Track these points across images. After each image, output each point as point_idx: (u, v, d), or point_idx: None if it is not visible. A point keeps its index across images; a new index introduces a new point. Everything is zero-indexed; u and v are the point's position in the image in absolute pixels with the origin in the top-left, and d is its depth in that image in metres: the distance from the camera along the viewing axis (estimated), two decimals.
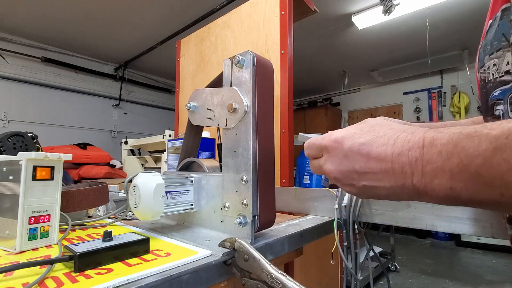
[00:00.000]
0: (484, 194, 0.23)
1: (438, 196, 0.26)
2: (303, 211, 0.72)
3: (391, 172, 0.28)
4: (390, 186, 0.28)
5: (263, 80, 0.45)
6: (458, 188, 0.24)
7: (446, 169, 0.24)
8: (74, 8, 2.74)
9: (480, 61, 0.42)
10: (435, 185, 0.25)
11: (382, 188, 0.29)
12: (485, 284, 2.43)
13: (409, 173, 0.27)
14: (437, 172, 0.25)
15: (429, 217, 0.52)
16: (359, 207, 0.61)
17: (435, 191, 0.25)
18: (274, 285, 0.32)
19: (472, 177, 0.23)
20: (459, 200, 0.25)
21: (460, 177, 0.24)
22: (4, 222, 0.43)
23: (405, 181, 0.27)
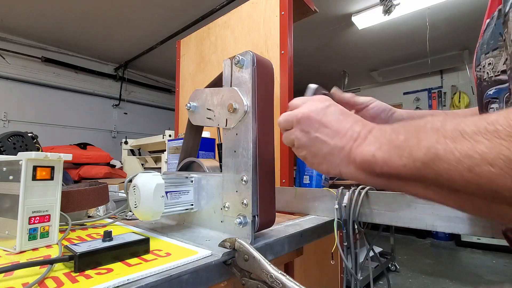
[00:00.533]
0: (394, 163, 0.27)
1: (361, 161, 0.31)
2: (303, 211, 0.72)
3: (343, 133, 0.34)
4: (334, 144, 0.34)
5: (263, 80, 0.45)
6: (378, 156, 0.29)
7: (378, 140, 0.30)
8: (74, 8, 2.74)
9: (477, 60, 0.42)
10: (364, 151, 0.31)
11: (327, 144, 0.34)
12: (485, 284, 2.43)
13: (354, 138, 0.33)
14: (371, 142, 0.31)
15: (429, 217, 0.52)
16: (359, 207, 0.61)
17: (361, 154, 0.31)
18: (274, 285, 0.32)
19: (391, 148, 0.28)
20: (375, 168, 0.29)
21: (384, 147, 0.29)
22: (4, 222, 0.43)
23: (346, 144, 0.33)
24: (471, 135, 0.22)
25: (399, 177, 0.28)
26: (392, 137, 0.29)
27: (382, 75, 4.55)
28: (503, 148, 0.20)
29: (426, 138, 0.25)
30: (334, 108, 0.37)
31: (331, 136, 0.34)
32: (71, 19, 2.93)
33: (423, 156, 0.25)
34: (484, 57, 0.40)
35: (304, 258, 0.74)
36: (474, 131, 0.22)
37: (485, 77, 0.39)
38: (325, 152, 0.34)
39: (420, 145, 0.25)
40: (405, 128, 0.28)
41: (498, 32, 0.37)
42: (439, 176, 0.24)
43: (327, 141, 0.34)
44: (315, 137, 0.35)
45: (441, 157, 0.23)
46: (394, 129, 0.29)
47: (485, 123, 0.22)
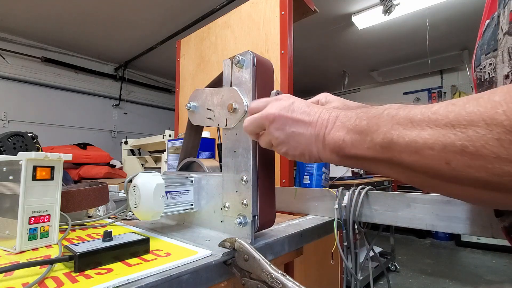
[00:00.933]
0: (359, 147, 0.31)
1: (334, 145, 0.34)
2: (303, 211, 0.72)
3: (314, 123, 0.36)
4: (310, 134, 0.36)
5: (263, 80, 0.45)
6: (347, 140, 0.33)
7: (345, 125, 0.33)
8: (74, 8, 2.74)
9: (477, 60, 0.42)
10: (335, 136, 0.34)
11: (303, 136, 0.37)
12: (484, 284, 2.43)
13: (325, 125, 0.35)
14: (340, 127, 0.34)
15: (429, 217, 0.52)
16: (359, 207, 0.61)
17: (333, 140, 0.34)
18: (274, 285, 0.32)
19: (357, 133, 0.32)
20: (345, 151, 0.33)
21: (351, 132, 0.32)
22: (4, 222, 0.43)
23: (320, 131, 0.36)
24: (418, 123, 0.26)
25: (365, 158, 0.31)
26: (357, 122, 0.32)
27: (382, 75, 4.55)
28: (440, 135, 0.24)
29: (383, 124, 0.29)
30: (298, 102, 0.39)
31: (305, 127, 0.37)
32: (71, 19, 2.93)
33: (381, 140, 0.28)
34: (484, 57, 0.40)
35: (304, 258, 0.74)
36: (420, 119, 0.26)
37: (486, 77, 0.39)
38: (304, 143, 0.37)
39: (379, 130, 0.29)
40: (367, 115, 0.31)
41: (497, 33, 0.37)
42: (394, 157, 0.28)
43: (303, 133, 0.37)
44: (291, 131, 0.38)
45: (395, 141, 0.27)
46: (357, 115, 0.32)
47: (429, 112, 0.25)
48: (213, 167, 0.59)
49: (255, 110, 0.41)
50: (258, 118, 0.40)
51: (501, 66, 0.35)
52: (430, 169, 0.25)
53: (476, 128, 0.21)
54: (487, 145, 0.21)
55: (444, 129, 0.23)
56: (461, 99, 0.24)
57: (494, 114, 0.21)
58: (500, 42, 0.35)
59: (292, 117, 0.38)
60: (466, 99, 0.24)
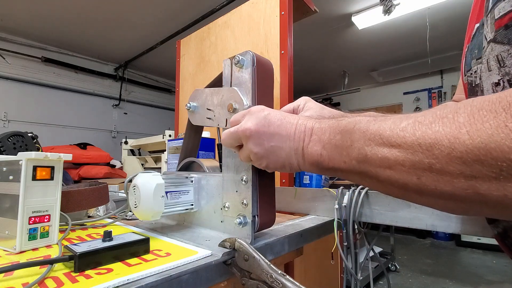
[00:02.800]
0: (337, 161, 0.33)
1: (312, 159, 0.35)
2: (303, 211, 0.72)
3: (292, 137, 0.37)
4: (289, 147, 0.37)
5: (263, 80, 0.45)
6: (324, 154, 0.34)
7: (321, 140, 0.34)
8: (74, 8, 2.74)
9: (467, 65, 0.42)
10: (313, 150, 0.35)
11: (283, 150, 0.38)
12: (485, 284, 2.43)
13: (302, 138, 0.36)
14: (317, 142, 0.35)
15: (429, 217, 0.52)
16: (359, 207, 0.61)
17: (311, 154, 0.35)
18: (274, 285, 0.32)
19: (333, 148, 0.33)
20: (322, 164, 0.34)
21: (327, 147, 0.34)
22: (4, 222, 0.43)
23: (299, 145, 0.36)
24: (388, 139, 0.27)
25: (341, 170, 0.33)
26: (331, 137, 0.33)
27: (382, 75, 4.56)
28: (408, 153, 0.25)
29: (356, 140, 0.30)
30: (272, 114, 0.39)
31: (283, 141, 0.37)
32: (71, 19, 2.93)
33: (356, 155, 0.30)
34: (475, 62, 0.40)
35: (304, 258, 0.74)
36: (389, 136, 0.27)
37: (477, 82, 0.39)
38: (283, 157, 0.38)
39: (353, 146, 0.30)
40: (339, 128, 0.33)
41: None
42: (368, 171, 0.29)
43: (282, 146, 0.37)
44: (270, 146, 0.38)
45: (369, 157, 0.28)
46: (331, 129, 0.34)
47: (398, 129, 0.26)
48: (213, 167, 0.59)
49: (234, 123, 0.42)
50: (234, 132, 0.40)
51: (487, 74, 0.35)
52: (403, 183, 0.26)
53: (440, 147, 0.23)
54: (451, 163, 0.22)
55: (412, 147, 0.25)
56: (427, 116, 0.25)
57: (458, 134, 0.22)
58: (484, 50, 0.36)
59: (270, 131, 0.38)
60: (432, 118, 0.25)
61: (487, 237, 0.47)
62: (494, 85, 0.34)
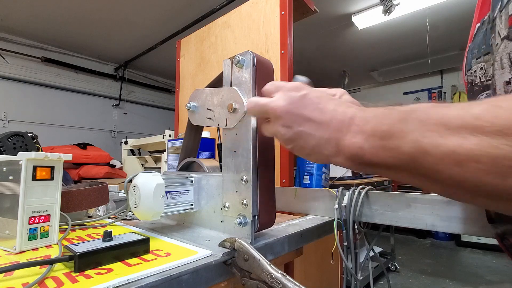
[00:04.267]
0: (381, 156, 0.28)
1: (349, 152, 0.31)
2: (303, 211, 0.72)
3: (326, 124, 0.33)
4: (320, 136, 0.33)
5: (263, 80, 0.45)
6: (366, 147, 0.29)
7: (363, 131, 0.30)
8: (74, 8, 2.74)
9: (468, 64, 0.42)
10: (351, 143, 0.30)
11: (313, 137, 0.33)
12: (485, 284, 2.43)
13: (339, 128, 0.32)
14: (357, 133, 0.30)
15: (429, 217, 0.52)
16: (359, 207, 0.61)
17: (349, 147, 0.31)
18: (274, 285, 0.32)
19: (377, 140, 0.28)
20: (364, 159, 0.30)
21: (370, 139, 0.29)
22: (4, 222, 0.43)
23: (332, 135, 0.32)
24: (457, 130, 0.22)
25: (386, 167, 0.28)
26: (377, 127, 0.29)
27: (382, 75, 4.56)
28: (488, 145, 0.20)
29: (411, 130, 0.25)
30: (310, 96, 0.35)
31: (316, 128, 0.33)
32: (71, 19, 2.93)
33: (409, 149, 0.25)
34: (475, 61, 0.40)
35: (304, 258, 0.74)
36: (459, 125, 0.22)
37: (477, 82, 0.39)
38: (312, 145, 0.34)
39: (406, 138, 0.25)
40: (388, 118, 0.28)
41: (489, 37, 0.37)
42: (426, 169, 0.24)
43: (313, 134, 0.33)
44: (299, 131, 0.34)
45: (428, 151, 0.24)
46: (377, 118, 0.29)
47: (470, 116, 0.22)
48: (213, 167, 0.59)
49: (266, 93, 0.38)
50: (263, 106, 0.37)
51: (500, 72, 0.34)
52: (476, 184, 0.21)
53: None
54: None
55: (494, 138, 0.20)
56: (508, 100, 0.21)
57: None
58: (497, 47, 0.34)
59: (302, 114, 0.34)
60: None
61: (487, 237, 0.47)
62: (505, 84, 0.33)
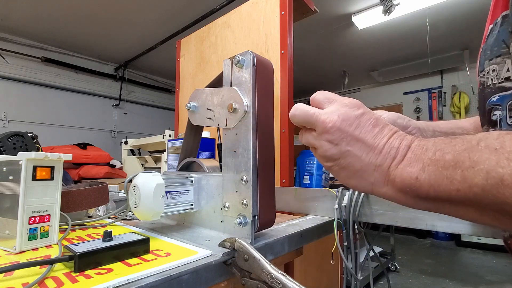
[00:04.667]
0: (442, 188, 0.25)
1: (402, 183, 0.28)
2: (303, 211, 0.72)
3: (379, 149, 0.30)
4: (369, 161, 0.30)
5: (263, 80, 0.45)
6: (423, 179, 0.26)
7: (419, 159, 0.27)
8: (74, 8, 2.74)
9: (481, 65, 0.42)
10: (405, 172, 0.28)
11: (360, 161, 0.31)
12: (485, 284, 2.43)
13: (392, 155, 0.29)
14: (412, 161, 0.28)
15: (429, 217, 0.52)
16: (359, 207, 0.61)
17: (401, 177, 0.28)
18: (274, 285, 0.32)
19: (437, 170, 0.25)
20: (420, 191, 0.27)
21: (429, 169, 0.26)
22: (4, 222, 0.43)
23: (384, 162, 0.29)
24: None
25: (449, 201, 0.25)
26: (437, 156, 0.25)
27: (382, 75, 4.56)
28: None
29: (483, 160, 0.22)
30: (367, 117, 0.32)
31: (366, 151, 0.30)
32: (71, 19, 2.93)
33: (482, 181, 0.22)
34: (488, 63, 0.40)
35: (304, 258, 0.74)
36: None
37: (489, 84, 0.39)
38: (357, 168, 0.31)
39: (477, 168, 0.23)
40: (451, 147, 0.25)
41: (502, 39, 0.37)
42: (503, 203, 0.21)
43: (361, 157, 0.30)
44: (346, 150, 0.31)
45: (508, 182, 0.21)
46: (436, 146, 0.26)
47: None
48: (213, 167, 0.59)
49: (315, 103, 0.35)
50: (312, 115, 0.34)
51: None
52: None
53: None
54: None
55: None
56: None
57: None
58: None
59: (354, 133, 0.31)
60: None
61: (487, 237, 0.47)
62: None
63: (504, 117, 0.36)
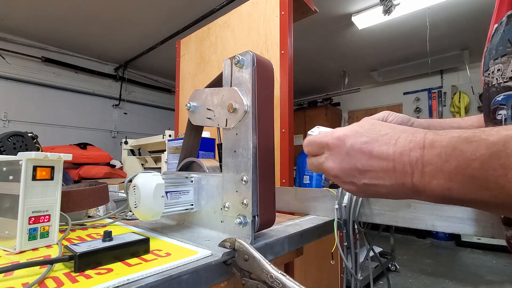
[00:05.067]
0: (478, 195, 0.24)
1: (435, 195, 0.27)
2: (303, 211, 0.72)
3: (392, 170, 0.29)
4: (390, 184, 0.29)
5: (263, 80, 0.45)
6: (454, 188, 0.25)
7: (444, 171, 0.26)
8: (74, 8, 2.74)
9: (485, 65, 0.42)
10: (433, 185, 0.26)
11: (382, 186, 0.30)
12: (485, 284, 2.43)
13: (410, 172, 0.28)
14: (436, 173, 0.26)
15: (429, 217, 0.52)
16: (359, 207, 0.61)
17: (433, 190, 0.27)
18: (274, 285, 0.32)
19: (468, 179, 0.24)
20: (454, 199, 0.26)
21: (457, 178, 0.25)
22: (4, 222, 0.43)
23: (405, 180, 0.28)
24: None
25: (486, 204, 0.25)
26: (463, 165, 0.25)
27: (382, 75, 4.55)
28: None
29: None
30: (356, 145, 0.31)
31: (379, 177, 0.30)
32: (71, 19, 2.93)
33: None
34: (492, 62, 0.40)
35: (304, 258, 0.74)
36: None
37: (494, 83, 0.39)
38: (384, 193, 0.31)
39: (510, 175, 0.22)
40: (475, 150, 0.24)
41: (507, 38, 0.37)
42: None
43: (379, 184, 0.30)
44: (363, 184, 0.31)
45: None
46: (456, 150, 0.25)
47: None
48: (213, 167, 0.59)
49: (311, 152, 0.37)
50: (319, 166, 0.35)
51: None
52: None
53: None
54: None
55: None
56: None
57: None
58: None
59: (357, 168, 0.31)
60: None
61: (487, 237, 0.47)
62: None
63: (509, 117, 0.37)
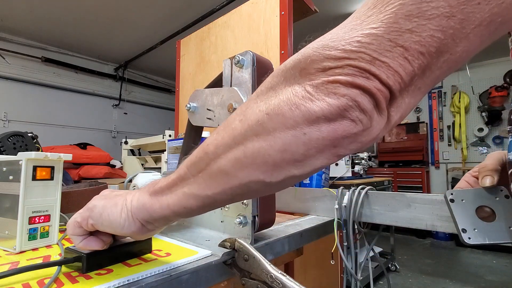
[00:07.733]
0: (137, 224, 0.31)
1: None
2: (303, 211, 0.72)
3: (119, 204, 0.34)
4: (118, 213, 0.33)
5: (263, 80, 0.45)
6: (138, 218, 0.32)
7: (133, 205, 0.32)
8: (74, 8, 2.74)
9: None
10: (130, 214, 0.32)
11: (114, 214, 0.33)
12: (485, 284, 2.43)
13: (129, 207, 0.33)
14: (135, 209, 0.32)
15: (429, 217, 0.52)
16: (359, 207, 0.61)
17: (128, 218, 0.32)
18: (274, 285, 0.32)
19: (140, 212, 0.31)
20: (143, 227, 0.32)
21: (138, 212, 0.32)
22: (4, 222, 0.43)
23: (127, 213, 0.33)
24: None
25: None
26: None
27: None
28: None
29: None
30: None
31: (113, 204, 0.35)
32: (71, 19, 2.93)
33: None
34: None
35: (304, 258, 0.74)
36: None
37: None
38: (109, 220, 0.34)
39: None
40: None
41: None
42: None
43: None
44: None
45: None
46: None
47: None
48: None
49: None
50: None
51: None
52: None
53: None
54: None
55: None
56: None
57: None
58: None
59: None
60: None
61: None
62: None
63: None
